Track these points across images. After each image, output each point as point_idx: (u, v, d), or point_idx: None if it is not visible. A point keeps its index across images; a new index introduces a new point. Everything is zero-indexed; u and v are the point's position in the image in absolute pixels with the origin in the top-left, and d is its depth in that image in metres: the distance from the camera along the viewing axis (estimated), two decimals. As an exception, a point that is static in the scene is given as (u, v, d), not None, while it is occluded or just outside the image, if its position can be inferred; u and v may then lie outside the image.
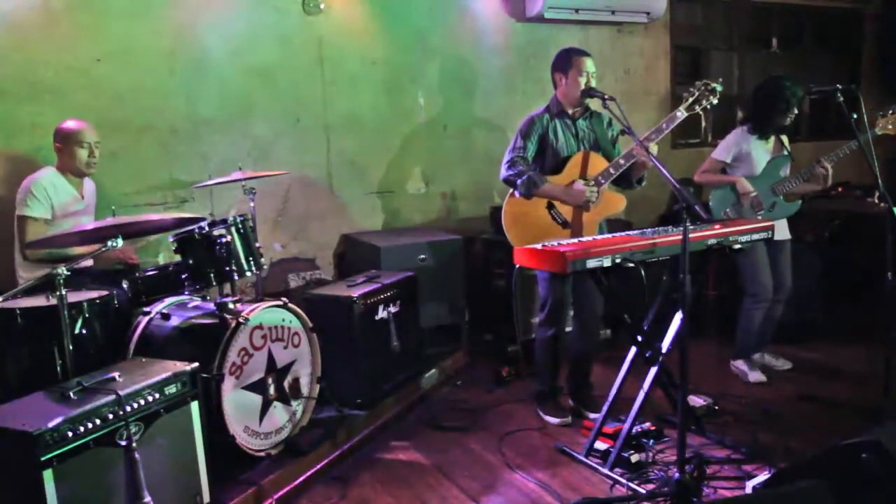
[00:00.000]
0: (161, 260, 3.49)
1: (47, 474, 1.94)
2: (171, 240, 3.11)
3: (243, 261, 3.13)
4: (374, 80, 4.66)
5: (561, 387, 3.67)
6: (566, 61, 3.39)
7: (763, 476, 2.72)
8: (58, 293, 2.38)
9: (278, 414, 3.03)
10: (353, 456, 3.23)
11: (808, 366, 4.14)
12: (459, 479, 3.01)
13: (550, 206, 3.38)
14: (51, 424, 1.96)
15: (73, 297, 2.66)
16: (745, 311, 3.97)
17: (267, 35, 4.26)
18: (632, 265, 2.76)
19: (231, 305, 2.92)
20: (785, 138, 3.98)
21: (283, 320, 3.07)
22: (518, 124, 3.48)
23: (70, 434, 2.00)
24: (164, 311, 2.98)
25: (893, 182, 3.84)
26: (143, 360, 2.59)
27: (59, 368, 2.55)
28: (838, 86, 3.33)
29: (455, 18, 4.91)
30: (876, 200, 3.28)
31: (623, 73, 5.66)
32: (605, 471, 2.95)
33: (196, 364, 2.49)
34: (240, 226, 3.15)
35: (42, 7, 3.63)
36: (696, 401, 3.46)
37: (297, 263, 4.52)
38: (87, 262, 2.86)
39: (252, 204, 3.77)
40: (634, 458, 2.95)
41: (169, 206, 4.04)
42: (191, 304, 3.09)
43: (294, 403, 3.11)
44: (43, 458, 1.93)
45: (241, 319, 2.81)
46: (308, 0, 4.34)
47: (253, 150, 4.28)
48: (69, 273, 2.39)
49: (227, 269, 3.08)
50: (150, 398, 2.26)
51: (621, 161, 3.28)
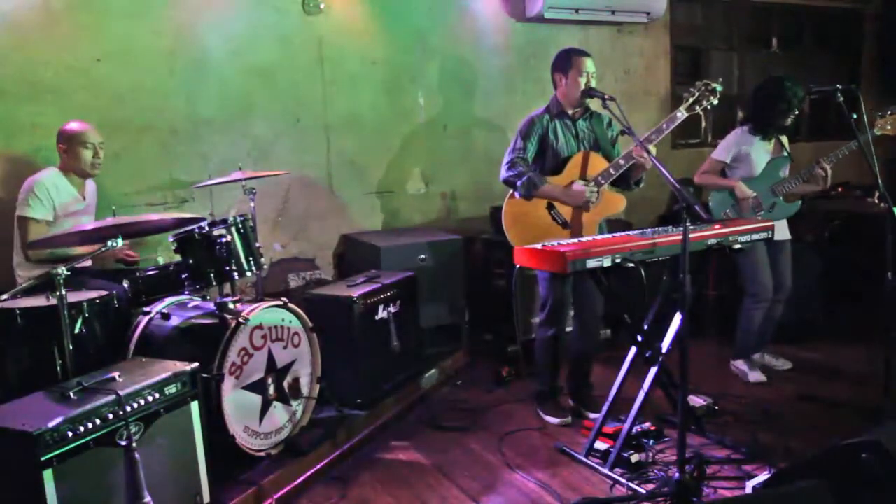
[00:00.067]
0: (161, 260, 3.49)
1: (47, 474, 1.94)
2: (171, 240, 3.10)
3: (243, 261, 3.13)
4: (374, 80, 4.66)
5: (561, 387, 3.67)
6: (566, 61, 3.39)
7: (763, 476, 2.73)
8: (58, 293, 2.38)
9: (278, 414, 3.03)
10: (353, 456, 3.23)
11: (808, 366, 4.14)
12: (459, 479, 3.01)
13: (550, 207, 3.38)
14: (51, 424, 1.96)
15: (73, 297, 2.66)
16: (744, 311, 3.98)
17: (267, 35, 4.26)
18: (632, 265, 2.76)
19: (231, 305, 2.92)
20: (785, 139, 3.98)
21: (283, 320, 3.07)
22: (518, 125, 3.48)
23: (70, 434, 2.00)
24: (164, 311, 2.98)
25: (893, 182, 3.84)
26: (143, 360, 2.59)
27: (59, 368, 2.55)
28: (838, 86, 3.33)
29: (455, 18, 4.91)
30: (876, 200, 3.28)
31: (623, 73, 5.66)
32: (605, 471, 2.95)
33: (196, 364, 2.50)
34: (240, 226, 3.15)
35: (42, 7, 3.63)
36: (696, 401, 3.46)
37: (297, 263, 4.52)
38: (86, 262, 2.86)
39: (252, 204, 3.77)
40: (634, 458, 2.95)
41: (169, 206, 4.05)
42: (191, 304, 3.09)
43: (294, 403, 3.11)
44: (43, 458, 1.93)
45: (241, 319, 2.81)
46: (308, 0, 4.35)
47: (253, 150, 4.29)
48: (69, 273, 2.39)
49: (227, 269, 3.08)
50: (150, 398, 2.27)
51: (621, 161, 3.28)
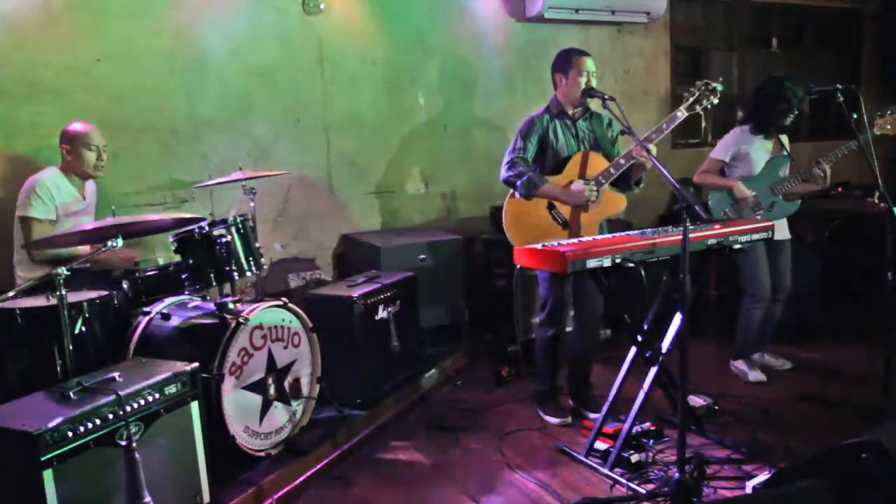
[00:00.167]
0: (161, 260, 3.48)
1: (47, 474, 1.94)
2: (171, 240, 3.10)
3: (243, 261, 3.12)
4: (374, 80, 4.65)
5: (561, 387, 3.67)
6: (566, 61, 3.39)
7: (763, 476, 2.73)
8: (58, 293, 2.38)
9: (278, 414, 3.03)
10: (353, 456, 3.23)
11: (808, 366, 4.14)
12: (459, 479, 3.01)
13: (551, 207, 3.38)
14: (51, 424, 1.96)
15: (72, 297, 2.66)
16: (744, 311, 3.98)
17: (267, 35, 4.26)
18: (632, 265, 2.76)
19: (231, 305, 2.92)
20: (785, 138, 3.98)
21: (283, 320, 3.07)
22: (518, 125, 3.48)
23: (70, 434, 2.00)
24: (164, 311, 2.98)
25: (893, 182, 3.84)
26: (143, 360, 2.59)
27: (59, 368, 2.55)
28: (838, 86, 3.33)
29: (455, 18, 4.91)
30: (876, 200, 3.28)
31: (623, 73, 5.66)
32: (605, 471, 2.95)
33: (196, 364, 2.49)
34: (240, 226, 3.15)
35: (42, 7, 3.63)
36: (696, 401, 3.46)
37: (297, 263, 4.52)
38: (87, 263, 2.86)
39: (252, 204, 3.77)
40: (634, 458, 2.95)
41: (169, 206, 4.05)
42: (191, 304, 3.09)
43: (294, 403, 3.11)
44: (43, 458, 1.93)
45: (241, 319, 2.81)
46: (308, 0, 4.35)
47: (253, 150, 4.29)
48: (69, 273, 2.39)
49: (227, 269, 3.07)
50: (150, 398, 2.26)
51: (621, 161, 3.28)
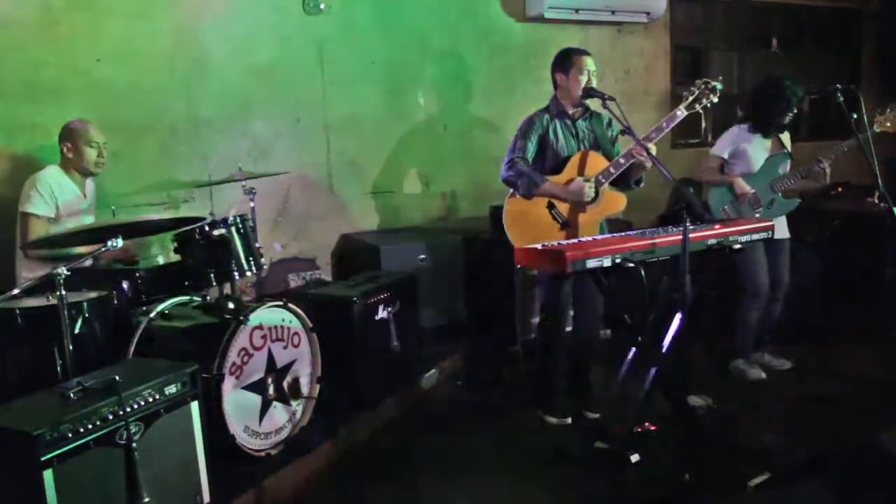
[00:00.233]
0: (161, 260, 3.48)
1: (47, 474, 1.93)
2: (172, 240, 3.10)
3: (243, 261, 3.12)
4: (374, 80, 4.65)
5: (561, 387, 3.67)
6: (567, 60, 3.40)
7: (763, 476, 2.72)
8: (58, 293, 2.38)
9: (278, 414, 3.03)
10: (353, 456, 3.22)
11: (808, 366, 4.14)
12: (459, 479, 3.01)
13: (551, 206, 3.38)
14: (51, 424, 1.96)
15: (72, 298, 2.65)
16: (742, 310, 3.98)
17: (267, 35, 4.27)
18: (632, 265, 2.76)
19: (231, 305, 2.92)
20: (786, 136, 3.98)
21: (283, 320, 3.06)
22: (518, 124, 3.48)
23: (70, 434, 2.00)
24: (164, 311, 2.98)
25: (893, 182, 3.84)
26: (143, 360, 2.59)
27: (59, 368, 2.55)
28: (838, 85, 3.33)
29: (455, 18, 4.91)
30: (876, 200, 3.28)
31: (623, 73, 5.66)
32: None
33: (196, 364, 2.49)
34: (240, 226, 3.15)
35: (42, 7, 3.63)
36: (696, 401, 3.46)
37: (297, 263, 4.52)
38: (87, 262, 2.85)
39: (252, 204, 3.77)
40: (634, 457, 2.95)
41: (169, 206, 4.05)
42: (191, 304, 3.09)
43: (294, 403, 3.11)
44: (43, 458, 1.92)
45: (241, 319, 2.81)
46: (308, 0, 4.35)
47: (253, 150, 4.28)
48: (69, 273, 2.39)
49: (227, 269, 3.07)
50: (150, 398, 2.26)
51: (621, 160, 3.28)
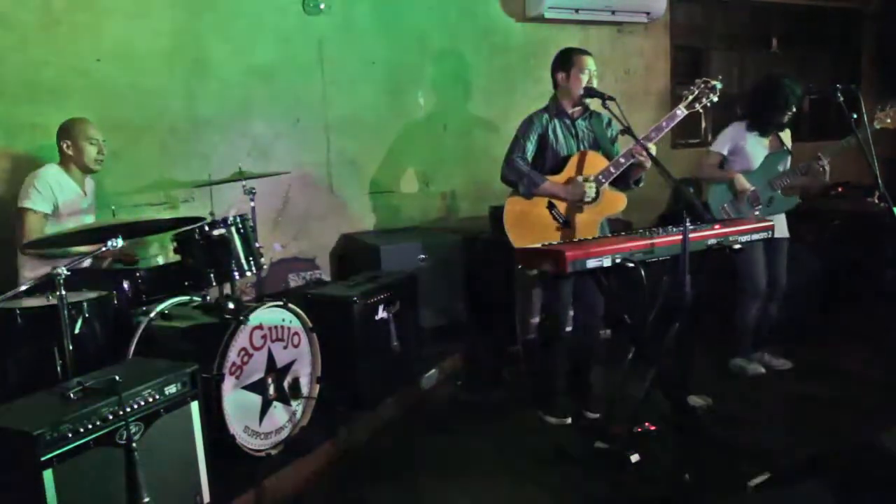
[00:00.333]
0: (161, 260, 3.48)
1: (47, 474, 1.93)
2: (172, 240, 3.10)
3: (243, 261, 3.12)
4: (374, 80, 4.66)
5: (561, 387, 3.67)
6: (568, 59, 3.41)
7: (763, 476, 2.72)
8: (58, 293, 2.38)
9: (278, 414, 3.03)
10: (353, 456, 3.22)
11: (808, 366, 4.14)
12: (459, 479, 3.01)
13: (551, 207, 3.38)
14: (51, 424, 1.95)
15: (72, 298, 2.65)
16: (740, 309, 3.98)
17: (267, 35, 4.27)
18: (632, 265, 2.76)
19: (231, 305, 2.92)
20: (786, 134, 3.97)
21: (283, 320, 3.06)
22: (518, 124, 3.48)
23: (70, 434, 2.00)
24: (164, 311, 2.98)
25: (893, 182, 3.84)
26: (143, 360, 2.58)
27: (59, 368, 2.55)
28: (838, 85, 3.33)
29: (455, 18, 4.91)
30: (876, 200, 3.27)
31: (623, 73, 5.66)
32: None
33: (196, 364, 2.49)
34: (240, 226, 3.15)
35: (42, 7, 3.63)
36: (696, 401, 3.46)
37: (297, 263, 4.52)
38: (86, 262, 2.85)
39: (252, 204, 3.77)
40: (634, 457, 2.95)
41: (169, 206, 4.05)
42: (191, 304, 3.09)
43: (294, 403, 3.11)
44: (43, 458, 1.92)
45: (241, 319, 2.81)
46: (308, 0, 4.35)
47: (253, 150, 4.29)
48: (69, 273, 2.39)
49: (227, 269, 3.07)
50: (150, 398, 2.26)
51: (622, 160, 3.28)
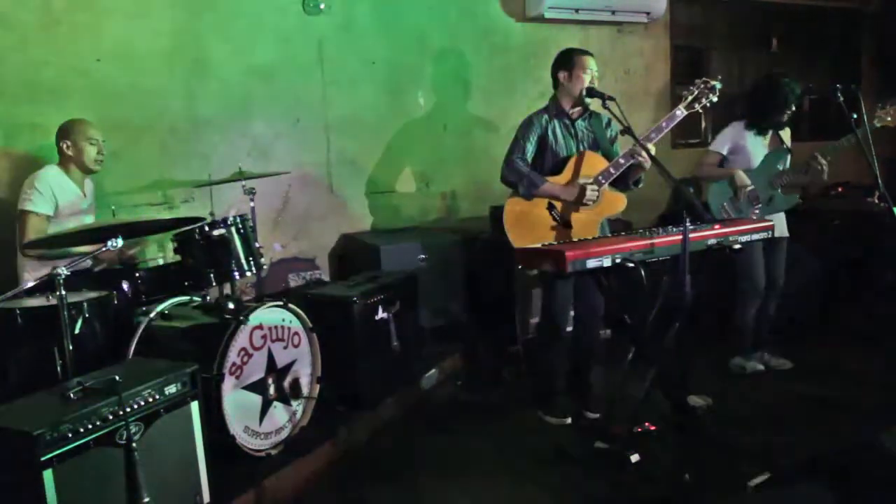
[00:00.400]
0: (161, 260, 3.49)
1: (47, 474, 1.93)
2: (172, 240, 3.10)
3: (243, 261, 3.13)
4: (374, 80, 4.66)
5: (561, 387, 3.67)
6: (569, 59, 3.42)
7: (763, 476, 2.72)
8: (58, 293, 2.38)
9: (278, 414, 3.03)
10: (353, 456, 3.22)
11: (808, 366, 4.14)
12: (459, 479, 3.01)
13: (551, 207, 3.38)
14: (51, 424, 1.95)
15: (72, 298, 2.65)
16: (740, 309, 3.98)
17: (267, 35, 4.27)
18: (632, 265, 2.76)
19: (231, 305, 2.92)
20: (786, 133, 3.97)
21: (283, 320, 3.06)
22: (518, 124, 3.48)
23: (70, 434, 2.00)
24: (164, 311, 2.98)
25: (893, 182, 3.84)
26: (143, 360, 2.58)
27: (59, 368, 2.55)
28: (838, 85, 3.33)
29: (455, 18, 4.91)
30: (876, 200, 3.28)
31: (623, 73, 5.66)
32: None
33: (196, 364, 2.49)
34: (240, 226, 3.15)
35: (42, 7, 3.63)
36: (696, 401, 3.46)
37: (297, 263, 4.52)
38: (86, 262, 2.86)
39: (252, 204, 3.77)
40: (634, 457, 2.95)
41: (169, 206, 4.05)
42: (191, 304, 3.09)
43: (294, 403, 3.11)
44: (43, 458, 1.92)
45: (241, 319, 2.81)
46: (308, 0, 4.35)
47: (253, 150, 4.29)
48: (69, 273, 2.39)
49: (227, 269, 3.08)
50: (150, 398, 2.26)
51: (621, 160, 3.28)
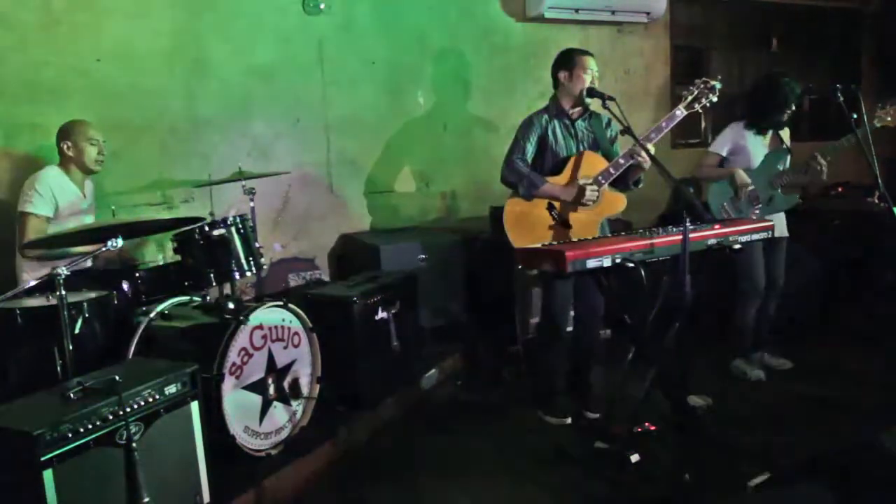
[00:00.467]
0: (161, 260, 3.48)
1: (47, 474, 1.93)
2: (172, 240, 3.10)
3: (243, 261, 3.13)
4: (374, 80, 4.66)
5: (561, 387, 3.67)
6: (570, 59, 3.42)
7: (763, 476, 2.72)
8: (58, 293, 2.38)
9: (278, 414, 3.03)
10: (353, 456, 3.23)
11: (808, 366, 4.14)
12: (459, 479, 3.01)
13: (551, 207, 3.38)
14: (51, 424, 1.96)
15: (72, 298, 2.65)
16: (740, 309, 3.97)
17: (267, 35, 4.27)
18: (632, 265, 2.76)
19: (231, 305, 2.92)
20: (786, 133, 3.97)
21: (283, 320, 3.06)
22: (518, 125, 3.48)
23: (70, 434, 2.00)
24: (164, 311, 2.98)
25: (893, 182, 3.84)
26: (143, 360, 2.58)
27: (59, 368, 2.55)
28: (838, 85, 3.33)
29: (455, 18, 4.91)
30: (876, 200, 3.27)
31: (623, 73, 5.66)
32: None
33: (196, 364, 2.49)
34: (240, 226, 3.15)
35: (42, 7, 3.63)
36: (696, 401, 3.46)
37: (297, 263, 4.52)
38: (86, 262, 2.85)
39: (252, 204, 3.77)
40: (634, 457, 2.95)
41: (169, 206, 4.05)
42: (191, 305, 3.09)
43: (294, 403, 3.11)
44: (43, 458, 1.92)
45: (241, 319, 2.81)
46: (308, 0, 4.35)
47: (253, 150, 4.29)
48: (69, 273, 2.39)
49: (227, 269, 3.08)
50: (150, 398, 2.26)
51: (621, 160, 3.28)
